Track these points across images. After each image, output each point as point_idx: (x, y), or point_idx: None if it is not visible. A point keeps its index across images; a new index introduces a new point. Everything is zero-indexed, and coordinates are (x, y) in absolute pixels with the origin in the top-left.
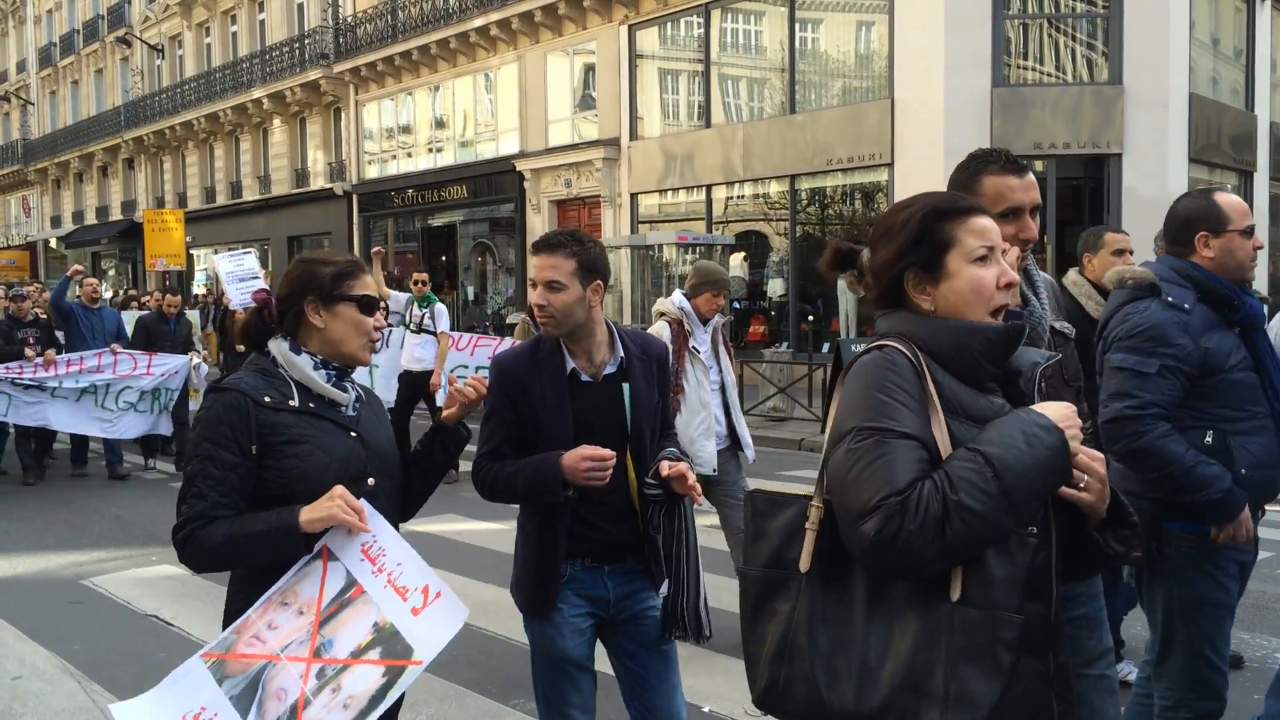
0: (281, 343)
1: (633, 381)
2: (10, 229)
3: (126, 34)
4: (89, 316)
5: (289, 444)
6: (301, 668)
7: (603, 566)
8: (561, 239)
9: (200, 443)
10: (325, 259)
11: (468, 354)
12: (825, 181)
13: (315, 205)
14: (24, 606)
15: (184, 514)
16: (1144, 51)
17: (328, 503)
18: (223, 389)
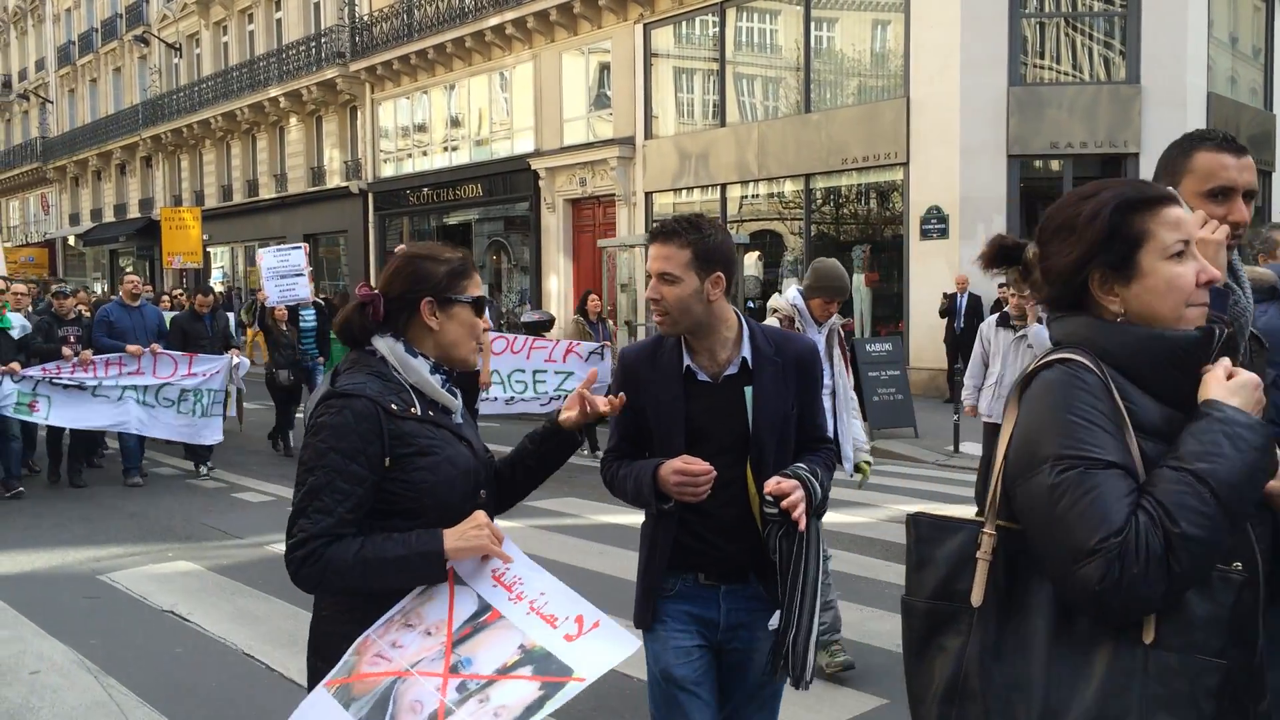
0: (395, 344)
1: (757, 384)
2: (29, 227)
3: (144, 33)
4: (130, 314)
5: (418, 455)
6: (438, 681)
7: (718, 585)
8: (677, 226)
9: (326, 453)
10: (436, 255)
11: (523, 357)
12: (840, 180)
13: (331, 203)
14: (41, 602)
15: (305, 529)
16: (1162, 50)
17: (474, 531)
18: (349, 394)
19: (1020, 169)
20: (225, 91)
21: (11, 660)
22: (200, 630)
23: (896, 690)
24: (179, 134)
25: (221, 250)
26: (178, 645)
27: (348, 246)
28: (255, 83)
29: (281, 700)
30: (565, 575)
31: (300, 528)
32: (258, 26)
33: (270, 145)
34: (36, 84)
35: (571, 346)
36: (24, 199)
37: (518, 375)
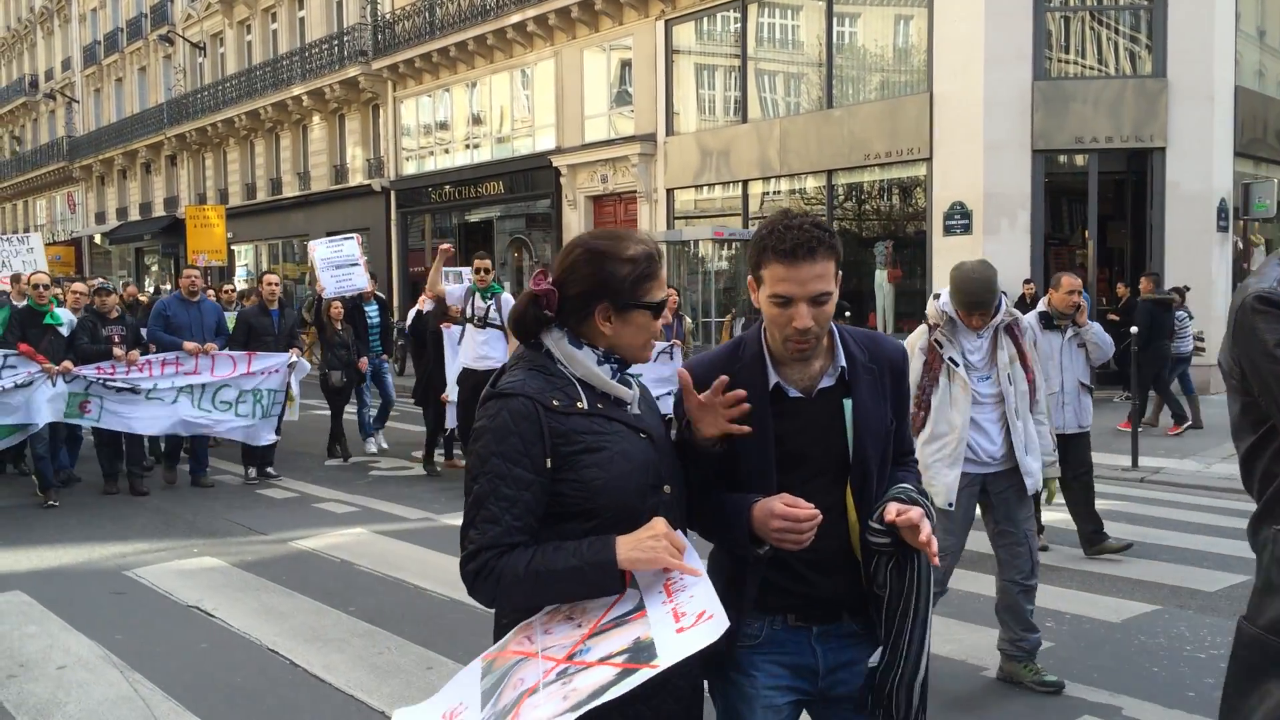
0: (560, 337)
1: (857, 397)
2: (56, 225)
3: (169, 32)
4: (188, 310)
5: (586, 452)
6: (549, 665)
7: (810, 626)
8: (819, 235)
9: (488, 458)
10: (620, 254)
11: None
12: (863, 176)
13: (354, 201)
14: (69, 597)
15: (475, 541)
16: (1188, 44)
17: (651, 540)
18: (505, 394)
19: (1045, 164)
20: (249, 90)
21: (39, 655)
22: (225, 626)
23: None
24: (203, 133)
25: (245, 248)
26: (203, 641)
27: (370, 244)
28: (278, 81)
29: (305, 696)
30: None
31: (469, 539)
32: (281, 25)
33: (293, 143)
34: (63, 84)
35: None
36: (51, 198)
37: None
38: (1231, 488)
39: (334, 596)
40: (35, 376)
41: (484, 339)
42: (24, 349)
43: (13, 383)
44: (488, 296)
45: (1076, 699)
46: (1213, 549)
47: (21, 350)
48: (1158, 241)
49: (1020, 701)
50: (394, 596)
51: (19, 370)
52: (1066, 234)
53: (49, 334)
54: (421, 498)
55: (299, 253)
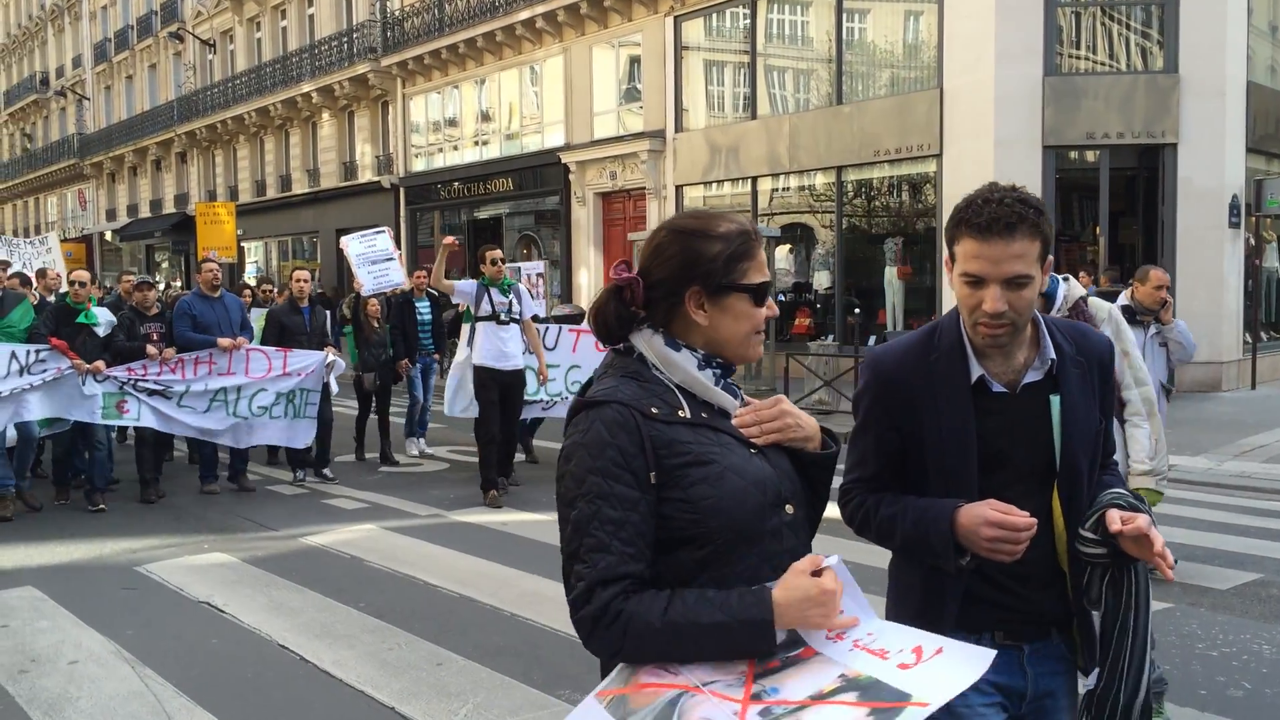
0: (654, 337)
1: (1065, 393)
2: (67, 222)
3: (179, 29)
4: (212, 306)
5: (694, 466)
6: (736, 707)
7: (1021, 645)
8: (1021, 211)
9: (584, 478)
10: (709, 230)
11: (567, 350)
12: (872, 173)
13: (363, 198)
14: (80, 592)
15: (585, 576)
16: (1200, 39)
17: (818, 611)
18: (596, 402)
19: (1056, 160)
20: (258, 87)
21: (50, 650)
22: (236, 621)
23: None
24: (213, 129)
25: (255, 245)
26: (213, 636)
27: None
28: (288, 78)
29: (316, 691)
30: None
31: (577, 575)
32: (290, 22)
33: (303, 140)
34: (73, 81)
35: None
36: (62, 195)
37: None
38: (1243, 485)
39: (344, 592)
40: (66, 373)
41: (506, 335)
42: (56, 343)
43: (40, 379)
44: (506, 290)
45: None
46: (1224, 547)
47: (54, 345)
48: (1169, 238)
49: None
50: (404, 593)
51: (49, 365)
52: (1078, 230)
53: (83, 333)
54: (431, 494)
55: (308, 249)
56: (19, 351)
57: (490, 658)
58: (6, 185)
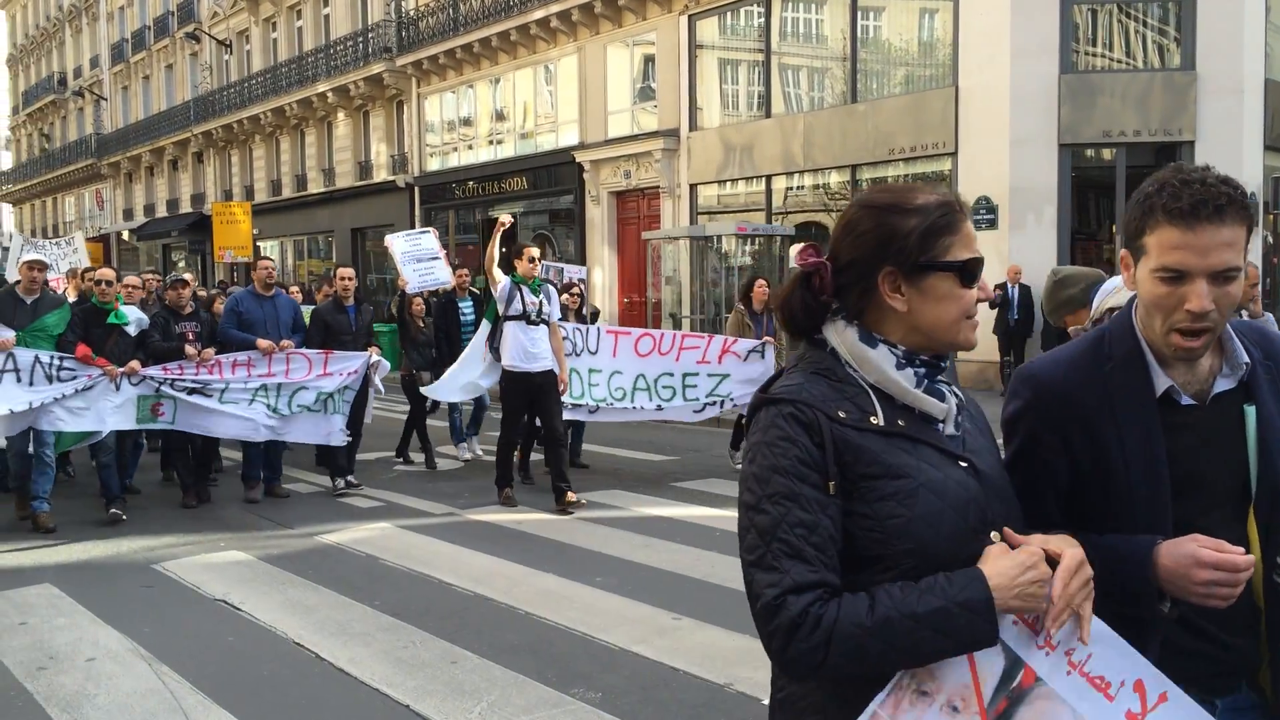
0: (847, 330)
1: (1261, 402)
2: (85, 222)
3: (195, 30)
4: (263, 305)
5: (883, 479)
6: None
7: (1214, 701)
8: (1228, 191)
9: (768, 478)
10: (905, 204)
11: (671, 359)
12: (887, 171)
13: (378, 197)
14: (97, 590)
15: (776, 584)
16: (1218, 37)
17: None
18: (777, 399)
19: (1072, 158)
20: (274, 87)
21: (68, 648)
22: (252, 619)
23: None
24: (229, 130)
25: (271, 244)
26: (230, 634)
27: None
28: (304, 78)
29: (331, 689)
30: (612, 567)
31: (767, 584)
32: (306, 22)
33: (318, 140)
34: (91, 81)
35: (727, 345)
36: (79, 195)
37: (665, 380)
38: None
39: (359, 591)
40: (96, 380)
41: (536, 336)
42: (81, 352)
43: (72, 389)
44: (537, 290)
45: None
46: None
47: (78, 355)
48: None
49: None
50: (419, 591)
51: (78, 375)
52: (1094, 229)
53: (114, 333)
54: (446, 493)
55: (324, 249)
56: (43, 357)
57: (505, 656)
58: (25, 185)
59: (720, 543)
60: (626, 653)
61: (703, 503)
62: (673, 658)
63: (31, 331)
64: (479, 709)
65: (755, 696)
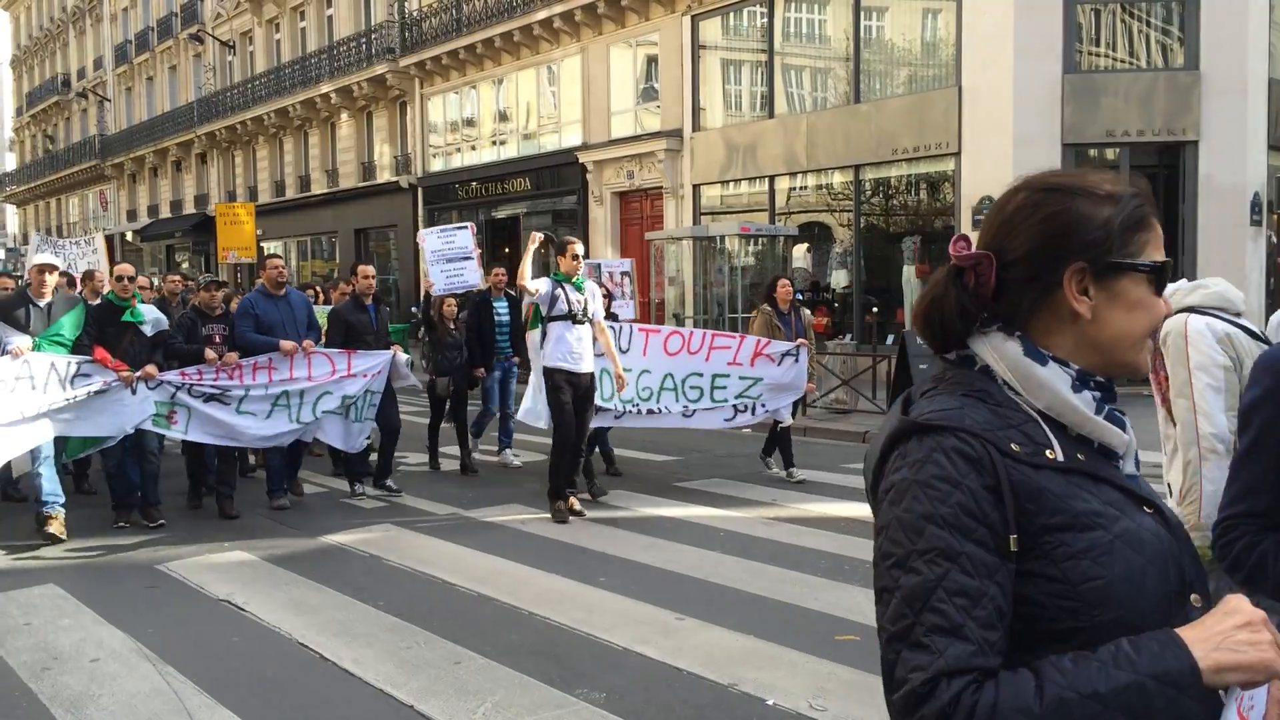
0: (1007, 343)
1: None
2: (89, 223)
3: (199, 31)
4: (277, 305)
5: (1069, 530)
6: None
7: None
8: None
9: (921, 529)
10: (1094, 188)
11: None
12: (890, 171)
13: (381, 198)
14: (101, 590)
15: (924, 664)
16: (1222, 36)
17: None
18: (935, 428)
19: (1075, 158)
20: (278, 88)
21: (72, 648)
22: (255, 619)
23: None
24: (233, 130)
25: (275, 245)
26: (234, 634)
27: (398, 240)
28: (307, 79)
29: (335, 689)
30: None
31: (913, 667)
32: (309, 23)
33: (322, 141)
34: (95, 82)
35: (760, 347)
36: (83, 196)
37: (693, 380)
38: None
39: (363, 591)
40: (112, 385)
41: (583, 335)
42: (99, 355)
43: (86, 392)
44: (581, 288)
45: None
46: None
47: (96, 358)
48: (1190, 236)
49: None
50: (422, 591)
51: (93, 379)
52: None
53: (130, 333)
54: (449, 493)
55: (327, 249)
56: (59, 363)
57: (508, 656)
58: (29, 186)
59: (724, 543)
60: (630, 653)
61: (706, 503)
62: (676, 658)
63: (48, 336)
64: (483, 709)
65: (759, 697)
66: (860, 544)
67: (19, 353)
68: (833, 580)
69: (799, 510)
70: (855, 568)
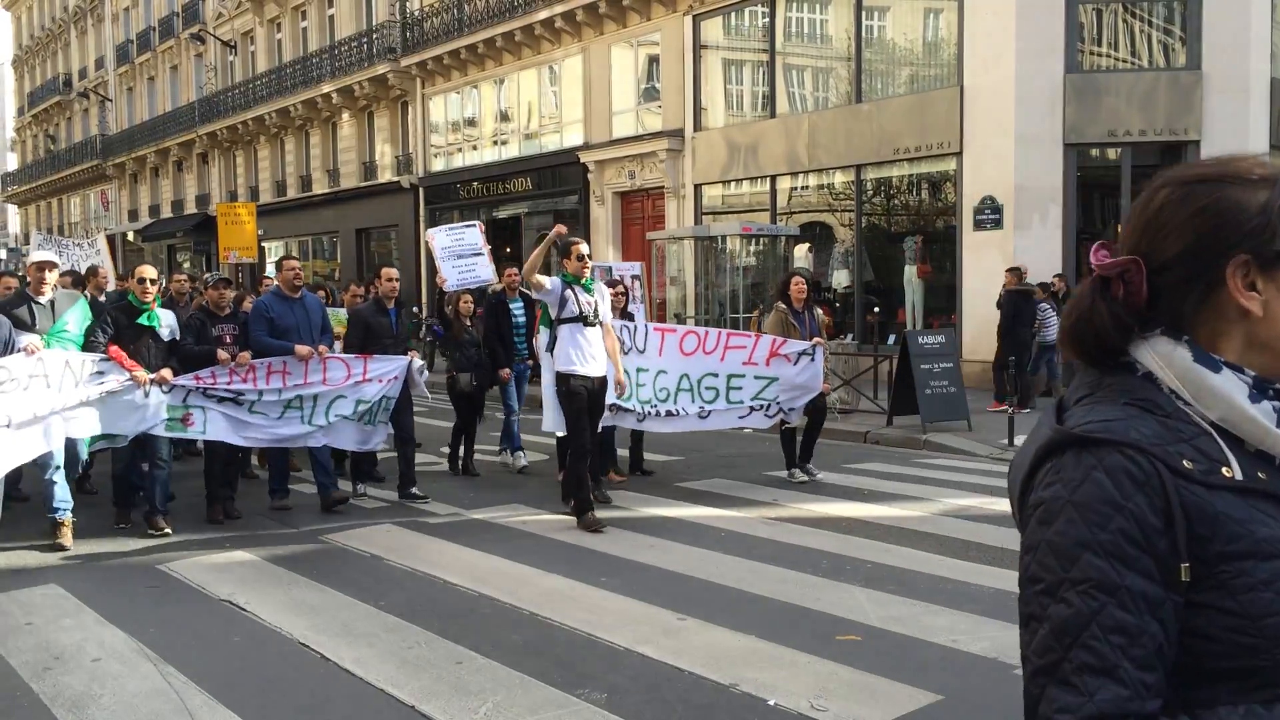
0: (1176, 349)
1: None
2: (90, 223)
3: (200, 31)
4: (292, 308)
5: (1252, 559)
6: None
7: None
8: None
9: (1076, 554)
10: (1244, 174)
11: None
12: (891, 171)
13: (383, 198)
14: (103, 590)
15: (1072, 710)
16: (1224, 36)
17: None
18: (1095, 441)
19: (1077, 158)
20: (279, 88)
21: (73, 648)
22: (257, 619)
23: (949, 686)
24: (234, 130)
25: (276, 245)
26: (235, 634)
27: (399, 240)
28: (308, 79)
29: (336, 689)
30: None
31: (1059, 708)
32: (311, 23)
33: (323, 141)
34: (96, 82)
35: (776, 346)
36: (84, 196)
37: (708, 380)
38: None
39: (364, 591)
40: (126, 385)
41: (593, 338)
42: (114, 354)
43: (100, 391)
44: (590, 289)
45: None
46: None
47: (111, 355)
48: None
49: None
50: (423, 591)
51: (107, 377)
52: (1099, 228)
53: (145, 335)
54: (449, 493)
55: (329, 249)
56: (73, 360)
57: (510, 656)
58: (30, 186)
59: (725, 543)
60: (632, 653)
61: (708, 503)
62: (678, 658)
63: (55, 334)
64: (484, 709)
65: (761, 697)
66: (862, 544)
67: (33, 350)
68: (834, 580)
69: (801, 510)
70: (857, 568)
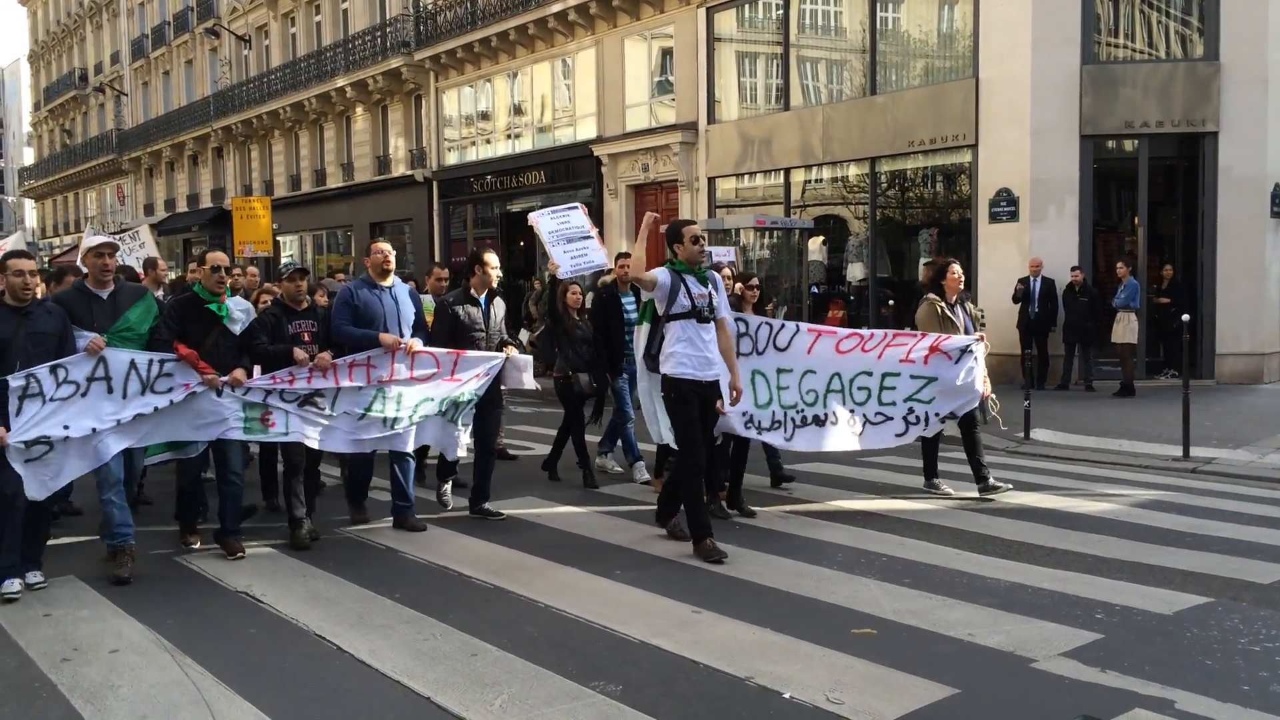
0: None
1: None
2: (106, 217)
3: (215, 25)
4: (380, 297)
5: None
6: None
7: None
8: None
9: None
10: None
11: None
12: (906, 164)
13: (396, 192)
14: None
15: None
16: (1242, 26)
17: None
18: None
19: (1093, 150)
20: (293, 82)
21: (92, 639)
22: (273, 611)
23: (965, 680)
24: (249, 125)
25: (290, 239)
26: (251, 626)
27: (413, 234)
28: (322, 73)
29: (352, 680)
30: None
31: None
32: (324, 17)
33: (337, 135)
34: (112, 77)
35: (937, 342)
36: (101, 190)
37: (861, 380)
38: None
39: (380, 583)
40: (197, 389)
41: (708, 337)
42: (185, 353)
43: (167, 401)
44: (704, 279)
45: (1128, 691)
46: (1267, 540)
47: (182, 355)
48: (1210, 228)
49: (1072, 694)
50: (438, 583)
51: (175, 380)
52: (1115, 220)
53: (215, 330)
54: (466, 486)
55: (343, 243)
56: (139, 362)
57: (525, 648)
58: (46, 181)
59: (739, 535)
60: (646, 646)
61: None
62: (693, 651)
63: (117, 333)
64: (499, 701)
65: (776, 690)
66: (877, 537)
67: (96, 347)
68: (849, 574)
69: (815, 504)
70: (872, 561)
